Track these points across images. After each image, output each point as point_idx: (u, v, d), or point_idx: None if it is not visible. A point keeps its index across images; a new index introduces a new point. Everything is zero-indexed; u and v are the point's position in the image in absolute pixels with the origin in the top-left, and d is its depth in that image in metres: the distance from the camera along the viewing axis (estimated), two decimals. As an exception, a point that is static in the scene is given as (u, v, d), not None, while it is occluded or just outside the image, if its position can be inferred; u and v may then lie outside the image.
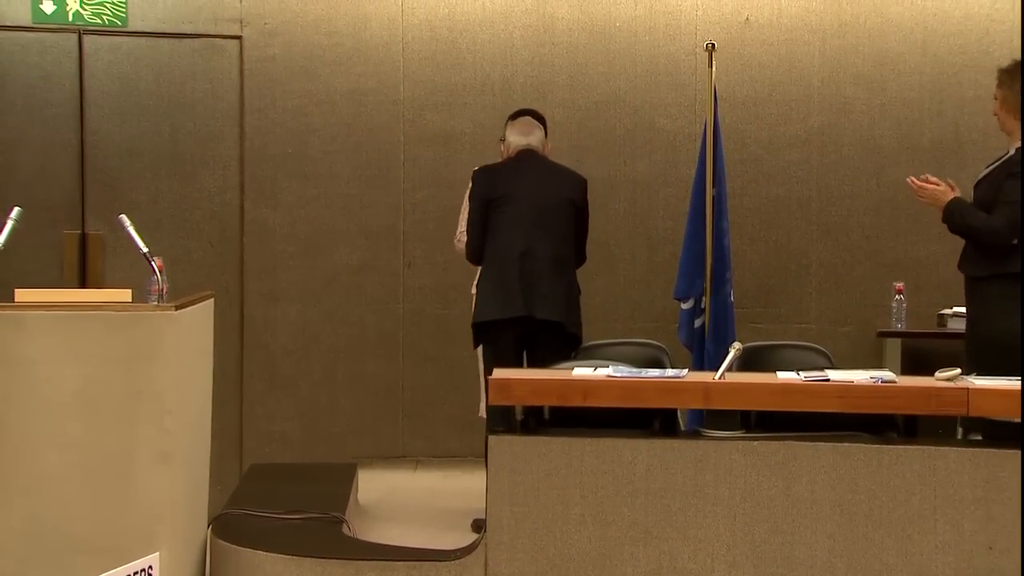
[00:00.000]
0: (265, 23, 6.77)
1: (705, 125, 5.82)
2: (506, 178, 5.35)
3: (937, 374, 4.13)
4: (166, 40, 6.72)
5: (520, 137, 5.45)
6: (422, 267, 6.73)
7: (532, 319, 5.18)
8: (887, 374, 4.22)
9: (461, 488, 5.93)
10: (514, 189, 5.29)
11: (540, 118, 5.56)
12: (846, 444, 4.03)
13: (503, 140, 5.59)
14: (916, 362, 6.06)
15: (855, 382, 4.08)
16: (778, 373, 4.32)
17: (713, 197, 5.70)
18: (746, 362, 4.96)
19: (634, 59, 6.88)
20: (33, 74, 6.67)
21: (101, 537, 3.86)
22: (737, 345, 4.23)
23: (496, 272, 5.25)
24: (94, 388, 3.87)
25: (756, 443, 4.05)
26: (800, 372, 4.26)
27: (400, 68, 6.83)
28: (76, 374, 3.86)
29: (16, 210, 4.22)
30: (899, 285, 6.45)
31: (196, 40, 6.74)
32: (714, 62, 5.77)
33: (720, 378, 4.12)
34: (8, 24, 6.61)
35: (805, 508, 4.00)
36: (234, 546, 4.24)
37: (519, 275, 5.19)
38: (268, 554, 4.16)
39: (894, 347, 6.39)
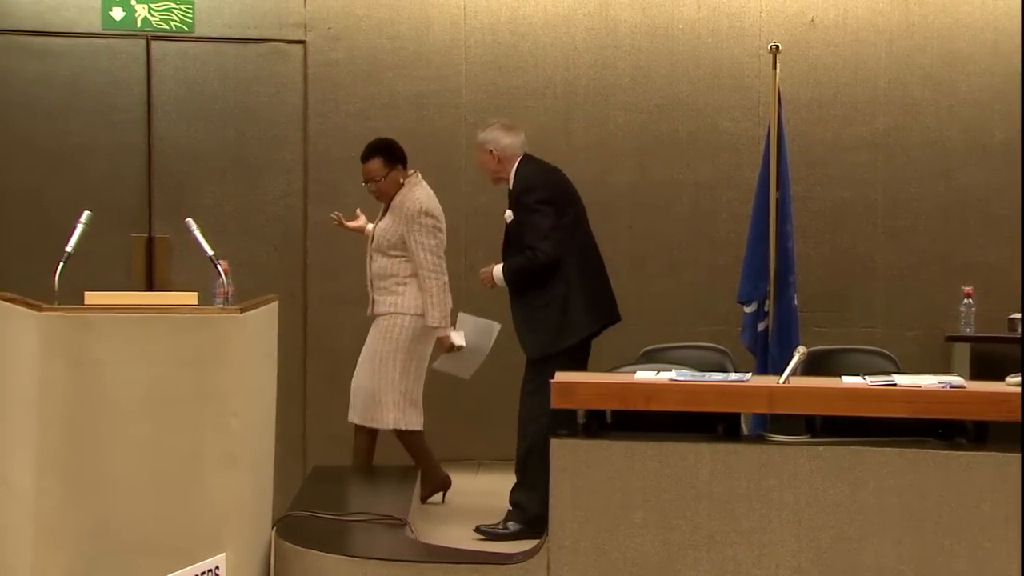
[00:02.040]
0: (329, 28, 6.82)
1: (769, 127, 5.77)
2: (558, 181, 5.32)
3: (1008, 379, 4.06)
4: (232, 45, 6.79)
5: (518, 139, 5.36)
6: (484, 270, 6.71)
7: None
8: (956, 379, 4.16)
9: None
10: (569, 192, 5.30)
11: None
12: (914, 450, 3.97)
13: (491, 152, 5.34)
14: (986, 367, 5.96)
15: (923, 387, 4.03)
16: (843, 377, 4.27)
17: (777, 200, 5.65)
18: (811, 366, 4.92)
19: (697, 61, 6.84)
20: (102, 80, 6.79)
21: (169, 538, 3.89)
22: (802, 349, 4.19)
23: (586, 279, 5.19)
24: (161, 390, 3.91)
25: (821, 448, 4.01)
26: (866, 376, 4.21)
27: (462, 72, 6.84)
28: (144, 376, 3.90)
29: (86, 214, 4.30)
30: (968, 289, 6.35)
31: (261, 45, 6.81)
32: (778, 64, 5.72)
33: (784, 382, 4.08)
34: (78, 31, 6.73)
35: (872, 514, 3.95)
36: (298, 547, 4.27)
37: (605, 279, 5.26)
38: (332, 556, 4.18)
39: (963, 352, 6.29)
